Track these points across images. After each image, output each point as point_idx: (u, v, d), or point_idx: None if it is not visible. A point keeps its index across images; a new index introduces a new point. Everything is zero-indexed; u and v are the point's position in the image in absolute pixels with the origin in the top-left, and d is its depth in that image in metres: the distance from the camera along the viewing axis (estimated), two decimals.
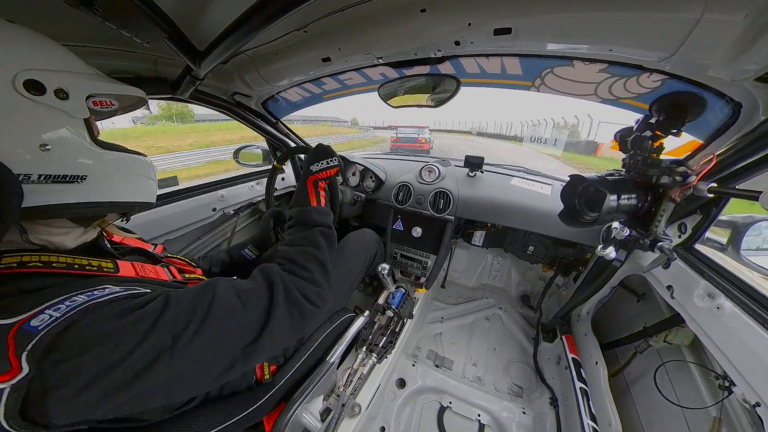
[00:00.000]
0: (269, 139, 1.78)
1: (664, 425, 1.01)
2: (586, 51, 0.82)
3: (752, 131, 0.71)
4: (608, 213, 0.96)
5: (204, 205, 1.49)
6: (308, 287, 0.65)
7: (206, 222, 1.52)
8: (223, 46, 0.72)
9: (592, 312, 1.44)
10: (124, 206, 0.59)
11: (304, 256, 0.71)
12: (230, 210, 1.64)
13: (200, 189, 1.51)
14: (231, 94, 1.39)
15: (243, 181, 1.75)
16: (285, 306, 0.60)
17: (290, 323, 0.60)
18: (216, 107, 1.37)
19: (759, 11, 0.52)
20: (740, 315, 0.75)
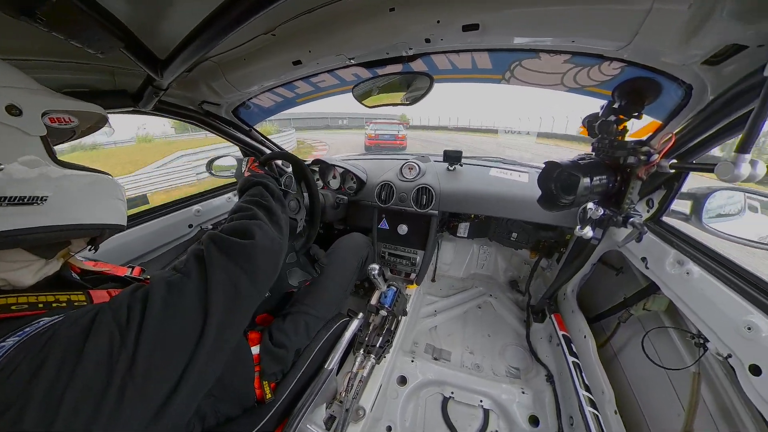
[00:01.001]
0: (243, 148, 1.73)
1: (651, 387, 1.09)
2: (550, 43, 0.86)
3: (703, 110, 0.78)
4: (583, 195, 1.01)
5: (179, 223, 1.43)
6: (238, 225, 0.65)
7: (184, 240, 1.46)
8: (186, 53, 0.68)
9: (576, 289, 1.52)
10: (92, 229, 0.53)
11: (242, 211, 0.73)
12: (208, 225, 1.58)
13: (173, 206, 1.45)
14: (199, 104, 1.33)
15: (219, 194, 1.69)
16: (220, 254, 0.57)
17: (227, 259, 0.57)
18: (183, 118, 1.30)
19: (701, 1, 0.57)
20: (707, 277, 0.82)
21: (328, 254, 1.35)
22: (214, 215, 1.61)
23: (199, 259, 0.56)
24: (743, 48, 0.61)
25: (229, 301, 0.54)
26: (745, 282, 0.75)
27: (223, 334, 0.52)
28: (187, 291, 0.51)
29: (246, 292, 0.57)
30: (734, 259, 0.81)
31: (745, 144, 0.60)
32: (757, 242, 0.82)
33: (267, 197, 0.81)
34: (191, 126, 1.49)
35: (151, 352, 0.43)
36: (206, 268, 0.54)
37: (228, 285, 0.54)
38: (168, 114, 1.22)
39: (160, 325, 0.46)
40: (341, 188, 1.90)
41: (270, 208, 0.76)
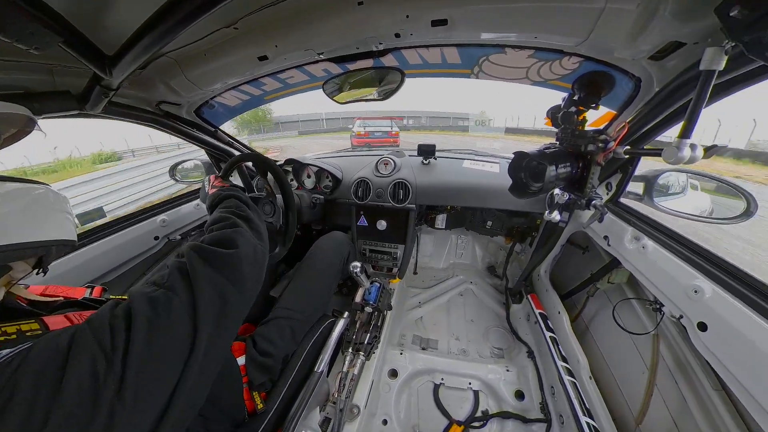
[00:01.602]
0: (209, 150, 1.62)
1: (619, 351, 1.21)
2: (515, 39, 0.89)
3: (651, 100, 0.86)
4: (550, 182, 1.08)
5: (143, 235, 1.32)
6: (220, 235, 0.63)
7: (149, 254, 1.35)
8: (137, 48, 0.62)
9: (548, 270, 1.64)
10: (34, 249, 0.47)
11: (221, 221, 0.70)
12: (176, 236, 1.48)
13: (135, 218, 1.33)
14: (156, 104, 1.22)
15: (186, 201, 1.57)
16: (203, 265, 0.54)
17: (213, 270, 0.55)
18: (139, 121, 1.18)
19: (647, 1, 0.63)
20: (659, 249, 0.92)
21: (309, 255, 1.32)
22: (182, 224, 1.50)
23: (182, 273, 0.53)
24: (682, 45, 0.68)
25: (218, 314, 0.52)
26: (690, 251, 0.85)
27: (214, 349, 0.50)
28: (173, 307, 0.48)
29: (234, 303, 0.55)
30: (681, 232, 0.92)
31: (686, 130, 0.67)
32: (697, 216, 0.93)
33: (242, 207, 0.78)
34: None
35: (139, 374, 0.41)
36: (191, 281, 0.52)
37: (216, 297, 0.52)
38: (121, 117, 1.10)
39: (148, 345, 0.43)
40: (317, 187, 1.86)
41: (248, 217, 0.74)
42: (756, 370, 0.62)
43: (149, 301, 0.47)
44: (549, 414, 1.22)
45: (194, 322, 0.48)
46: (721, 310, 0.71)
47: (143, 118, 1.18)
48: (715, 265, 0.78)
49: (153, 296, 0.48)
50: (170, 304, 0.48)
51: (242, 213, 0.75)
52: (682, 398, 0.89)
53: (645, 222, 1.02)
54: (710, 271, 0.77)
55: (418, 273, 2.26)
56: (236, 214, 0.73)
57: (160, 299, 0.48)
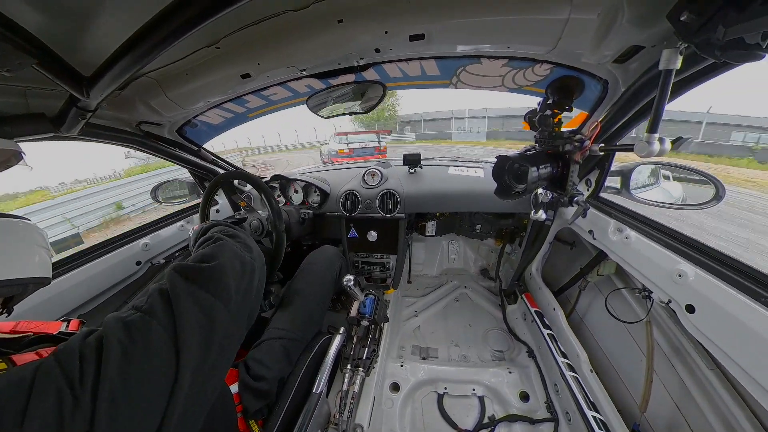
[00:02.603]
0: (192, 170, 1.59)
1: (615, 341, 1.24)
2: (489, 49, 0.95)
3: (618, 100, 0.93)
4: (533, 183, 1.13)
5: (124, 261, 1.25)
6: (202, 252, 0.60)
7: (131, 281, 1.28)
8: (116, 69, 0.61)
9: (539, 268, 1.67)
10: (9, 287, 0.45)
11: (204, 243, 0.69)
12: (160, 260, 1.41)
13: (115, 242, 1.27)
14: (136, 124, 1.19)
15: (170, 222, 1.51)
16: (176, 275, 0.51)
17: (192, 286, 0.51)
18: (118, 142, 1.15)
19: (606, 11, 0.68)
20: (642, 239, 0.97)
21: (299, 272, 1.30)
22: (165, 248, 1.44)
23: (162, 293, 0.49)
24: (641, 48, 0.75)
25: (204, 336, 0.47)
26: (670, 238, 0.90)
27: (202, 377, 0.46)
28: (151, 331, 0.44)
29: (222, 322, 0.51)
30: (660, 220, 0.97)
31: (653, 125, 0.72)
32: (672, 204, 0.99)
33: (226, 229, 0.76)
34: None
35: (113, 411, 0.36)
36: (172, 300, 0.47)
37: (200, 316, 0.48)
38: (99, 138, 1.07)
39: (122, 376, 0.38)
40: (305, 202, 1.84)
41: (234, 234, 0.71)
42: (745, 345, 0.65)
43: (124, 326, 0.43)
44: (555, 412, 1.22)
45: (176, 346, 0.44)
46: (706, 291, 0.74)
47: (123, 139, 1.15)
48: (695, 249, 0.83)
49: (128, 320, 0.44)
50: (148, 327, 0.44)
51: (227, 232, 0.73)
52: (680, 381, 0.91)
53: (626, 214, 1.07)
54: (690, 254, 0.82)
55: (412, 282, 2.25)
56: (222, 233, 0.71)
57: (136, 323, 0.44)
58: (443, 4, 0.76)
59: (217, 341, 0.50)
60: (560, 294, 1.59)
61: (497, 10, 0.75)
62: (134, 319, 0.44)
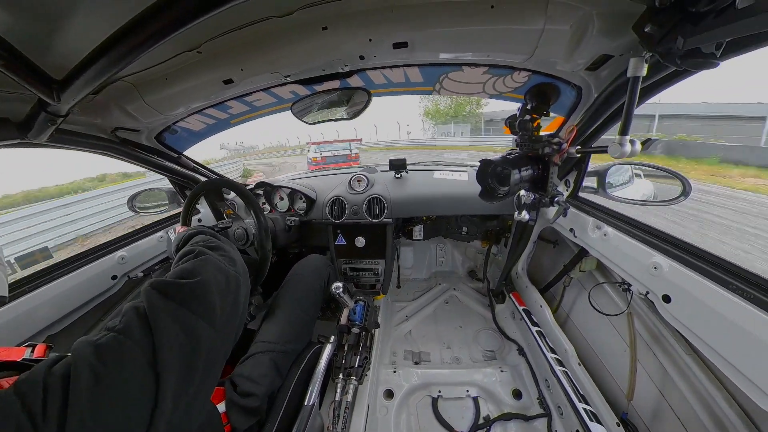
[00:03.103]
0: (172, 177, 1.53)
1: (600, 334, 1.29)
2: (470, 57, 0.98)
3: (592, 105, 0.99)
4: (515, 185, 1.17)
5: (98, 275, 1.17)
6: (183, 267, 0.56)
7: (107, 296, 1.20)
8: (90, 72, 0.59)
9: (525, 267, 1.72)
10: None
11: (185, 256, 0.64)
12: (138, 273, 1.33)
13: (89, 256, 1.18)
14: (111, 131, 1.13)
15: (148, 233, 1.44)
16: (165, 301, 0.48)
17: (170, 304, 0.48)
18: (91, 149, 1.09)
19: (578, 22, 0.73)
20: (619, 235, 1.02)
21: (286, 283, 1.27)
22: (143, 260, 1.36)
23: (139, 312, 0.46)
24: (611, 57, 0.80)
25: (186, 358, 0.45)
26: (645, 233, 0.96)
27: (185, 400, 0.43)
28: (126, 352, 0.40)
29: (206, 341, 0.48)
30: (634, 217, 1.03)
31: (624, 128, 0.78)
32: (644, 201, 1.06)
33: (210, 240, 0.72)
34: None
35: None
36: (149, 319, 0.44)
37: (182, 336, 0.45)
38: (70, 145, 1.01)
39: (93, 406, 0.35)
40: (290, 209, 1.81)
41: (217, 246, 0.68)
42: (718, 330, 0.70)
43: (95, 349, 0.39)
44: (548, 407, 1.24)
45: (155, 368, 0.41)
46: (679, 281, 0.79)
47: (97, 146, 1.09)
48: (667, 242, 0.88)
49: (100, 342, 0.40)
50: (122, 349, 0.41)
51: (210, 244, 0.70)
52: (662, 368, 0.96)
53: (603, 211, 1.13)
54: (664, 248, 0.87)
55: (401, 286, 2.25)
56: (204, 246, 0.68)
57: (109, 345, 0.40)
58: (425, 14, 0.79)
59: (201, 362, 0.47)
60: (546, 291, 1.64)
61: (477, 20, 0.79)
62: (107, 341, 0.41)
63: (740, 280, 0.68)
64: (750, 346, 0.63)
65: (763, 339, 0.60)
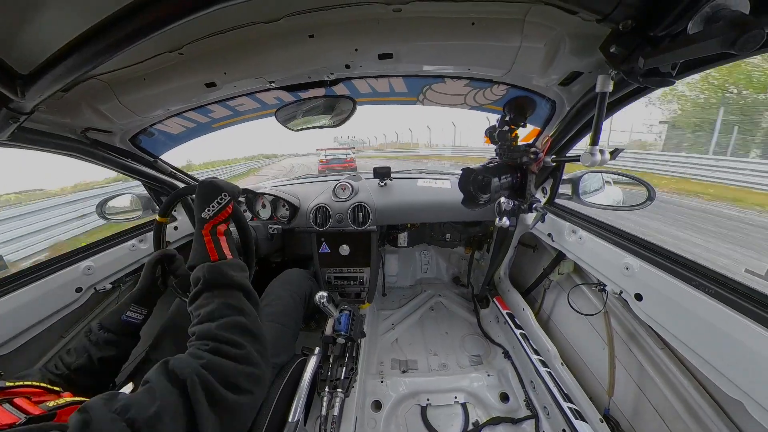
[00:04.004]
0: (147, 183, 1.44)
1: (580, 334, 1.34)
2: (452, 70, 1.03)
3: (565, 117, 1.06)
4: (496, 192, 1.22)
5: (60, 288, 1.06)
6: (237, 371, 0.51)
7: (69, 311, 1.09)
8: (60, 68, 0.55)
9: (507, 271, 1.78)
10: None
11: (232, 329, 0.55)
12: (105, 285, 1.23)
13: (49, 266, 1.07)
14: (82, 131, 1.06)
15: (119, 242, 1.33)
16: (211, 414, 0.44)
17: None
18: (58, 150, 1.01)
19: (551, 41, 0.79)
20: (593, 238, 1.09)
21: (265, 296, 1.24)
22: (112, 271, 1.25)
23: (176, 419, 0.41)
24: (581, 73, 0.87)
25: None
26: (616, 236, 1.02)
27: None
28: None
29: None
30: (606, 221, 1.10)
31: (594, 138, 0.84)
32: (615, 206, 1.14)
33: (251, 315, 0.61)
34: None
35: None
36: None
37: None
38: (34, 145, 0.93)
39: None
40: (273, 217, 1.76)
41: (257, 336, 0.59)
42: (685, 324, 0.75)
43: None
44: (534, 409, 1.27)
45: None
46: (649, 280, 0.85)
47: (64, 146, 1.02)
48: (636, 244, 0.95)
49: (134, 418, 0.37)
50: None
51: (251, 326, 0.59)
52: (639, 363, 1.02)
53: (578, 217, 1.20)
54: (633, 249, 0.94)
55: (387, 294, 2.24)
56: (244, 330, 0.58)
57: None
58: (410, 27, 0.82)
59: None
60: (528, 294, 1.70)
61: (459, 35, 0.83)
62: (146, 415, 0.37)
63: (702, 276, 0.75)
64: (715, 339, 0.68)
65: (726, 331, 0.66)
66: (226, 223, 0.75)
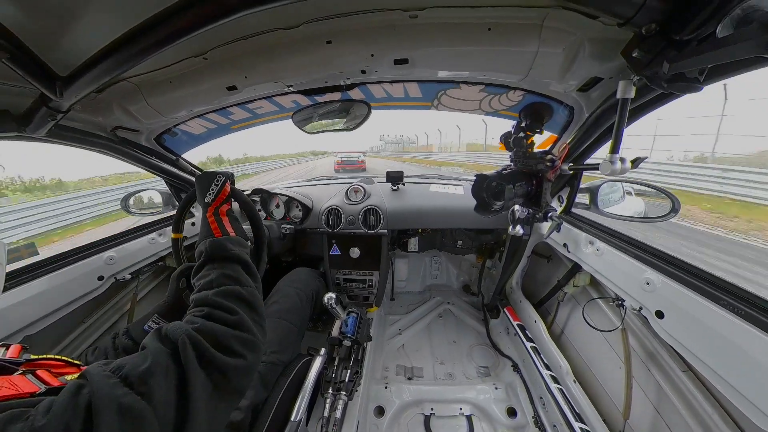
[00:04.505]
0: (169, 179, 1.52)
1: (594, 350, 1.28)
2: (468, 76, 1.02)
3: (583, 124, 1.03)
4: (510, 199, 1.19)
5: (84, 275, 1.13)
6: (229, 334, 0.51)
7: (91, 297, 1.15)
8: (96, 71, 0.60)
9: (519, 281, 1.73)
10: None
11: (227, 296, 0.57)
12: (125, 275, 1.29)
13: (75, 254, 1.14)
14: (111, 129, 1.14)
15: (140, 235, 1.41)
16: (201, 372, 0.44)
17: (217, 394, 0.45)
18: (90, 146, 1.09)
19: (570, 46, 0.77)
20: (611, 250, 1.04)
21: (271, 296, 1.25)
22: (132, 262, 1.32)
23: (168, 375, 0.42)
24: (601, 79, 0.84)
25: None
26: (637, 249, 0.97)
27: None
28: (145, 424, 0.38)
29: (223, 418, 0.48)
30: (626, 233, 1.05)
31: (614, 147, 0.80)
32: (636, 218, 1.09)
33: (248, 285, 0.63)
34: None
35: None
36: (188, 402, 0.41)
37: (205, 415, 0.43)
38: (69, 141, 1.00)
39: None
40: (286, 217, 1.80)
41: (253, 305, 0.60)
42: (711, 346, 0.70)
43: (118, 411, 0.36)
44: (543, 427, 1.22)
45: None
46: (672, 297, 0.80)
47: (95, 143, 1.10)
48: (659, 258, 0.90)
49: (123, 403, 0.37)
50: (142, 419, 0.38)
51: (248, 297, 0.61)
52: (657, 385, 0.95)
53: (596, 227, 1.15)
54: (656, 263, 0.89)
55: (395, 299, 2.22)
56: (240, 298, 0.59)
57: (131, 409, 0.37)
58: (426, 33, 0.82)
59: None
60: (540, 306, 1.64)
61: (475, 41, 0.83)
62: (129, 403, 0.38)
63: (731, 296, 0.69)
64: (744, 363, 0.63)
65: (756, 356, 0.61)
66: (227, 203, 0.79)
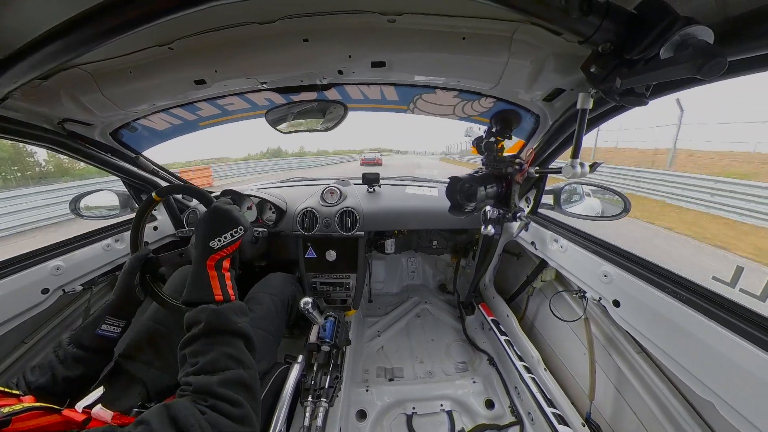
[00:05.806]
0: (128, 180, 1.38)
1: (562, 340, 1.38)
2: (443, 82, 1.06)
3: (548, 131, 1.11)
4: (482, 201, 1.25)
5: (23, 288, 0.98)
6: (233, 429, 0.51)
7: (33, 314, 1.01)
8: (40, 55, 0.53)
9: (492, 278, 1.81)
10: None
11: (233, 385, 0.54)
12: (75, 286, 1.14)
13: (12, 265, 0.98)
14: (59, 122, 1.01)
15: (93, 241, 1.25)
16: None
17: None
18: (32, 141, 0.95)
19: (536, 59, 0.83)
20: (573, 247, 1.13)
21: (246, 301, 1.19)
22: (84, 271, 1.17)
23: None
24: (563, 90, 0.92)
25: None
26: (595, 245, 1.07)
27: None
28: None
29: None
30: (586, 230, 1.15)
31: (575, 152, 0.88)
32: (593, 216, 1.20)
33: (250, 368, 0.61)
34: None
35: None
36: None
37: None
38: (5, 134, 0.87)
39: None
40: (259, 220, 1.72)
41: (254, 391, 0.58)
42: (661, 329, 0.79)
43: None
44: (519, 415, 1.29)
45: None
46: (626, 287, 0.90)
47: (39, 137, 0.96)
48: (614, 252, 1.00)
49: None
50: None
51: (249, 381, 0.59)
52: (617, 368, 1.05)
53: (560, 226, 1.25)
54: (611, 257, 0.98)
55: (373, 301, 2.22)
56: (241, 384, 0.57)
57: None
58: (404, 38, 0.84)
59: None
60: (512, 301, 1.74)
61: (450, 48, 0.86)
62: None
63: (674, 284, 0.79)
64: (687, 343, 0.72)
65: (696, 335, 0.70)
66: (230, 258, 0.70)
